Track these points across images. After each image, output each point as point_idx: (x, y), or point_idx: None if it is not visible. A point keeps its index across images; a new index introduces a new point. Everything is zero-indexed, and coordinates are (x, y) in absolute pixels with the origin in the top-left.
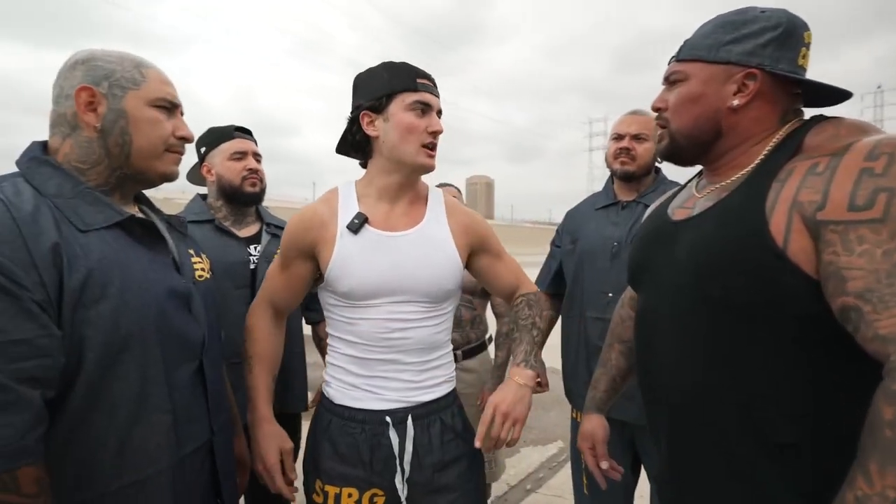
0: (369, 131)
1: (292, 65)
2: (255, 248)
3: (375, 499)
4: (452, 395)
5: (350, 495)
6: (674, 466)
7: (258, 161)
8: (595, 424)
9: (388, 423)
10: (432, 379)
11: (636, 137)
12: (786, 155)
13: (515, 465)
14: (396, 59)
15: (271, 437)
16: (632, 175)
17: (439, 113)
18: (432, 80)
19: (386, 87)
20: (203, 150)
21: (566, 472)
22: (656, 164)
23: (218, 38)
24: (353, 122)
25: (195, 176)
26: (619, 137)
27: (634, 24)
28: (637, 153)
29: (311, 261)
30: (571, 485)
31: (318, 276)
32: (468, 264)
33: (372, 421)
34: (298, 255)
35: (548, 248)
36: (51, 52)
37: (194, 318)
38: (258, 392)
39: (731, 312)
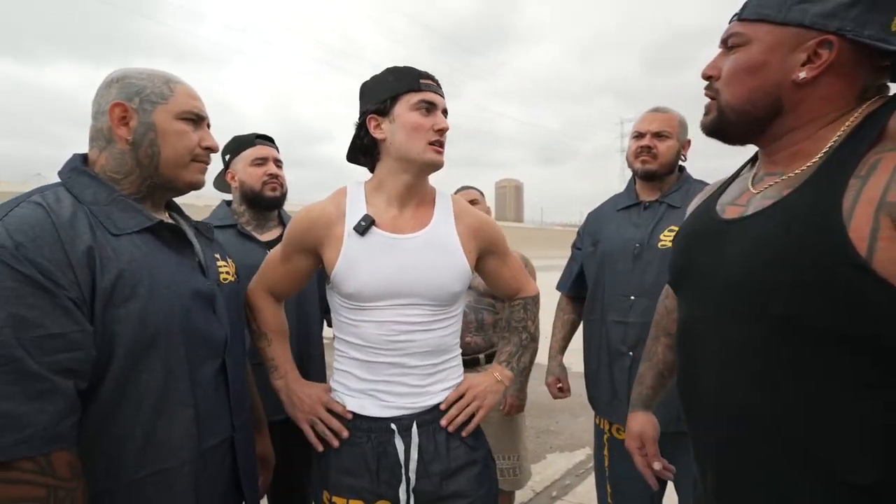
0: (376, 134)
1: (325, 73)
2: None
3: None
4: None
5: None
6: (721, 502)
7: (279, 167)
8: (643, 422)
9: (393, 431)
10: (439, 383)
11: (658, 135)
12: (866, 142)
13: (541, 472)
14: (425, 66)
15: (311, 389)
16: (653, 174)
17: (445, 112)
18: (436, 81)
19: (390, 89)
20: (227, 157)
21: (594, 479)
22: (680, 162)
23: (255, 50)
24: (361, 127)
25: (221, 183)
26: (639, 135)
27: (666, 22)
28: (658, 151)
29: (313, 257)
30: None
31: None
32: (476, 265)
33: (378, 429)
34: (301, 251)
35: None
36: (104, 70)
37: (217, 319)
38: (285, 359)
39: (794, 332)
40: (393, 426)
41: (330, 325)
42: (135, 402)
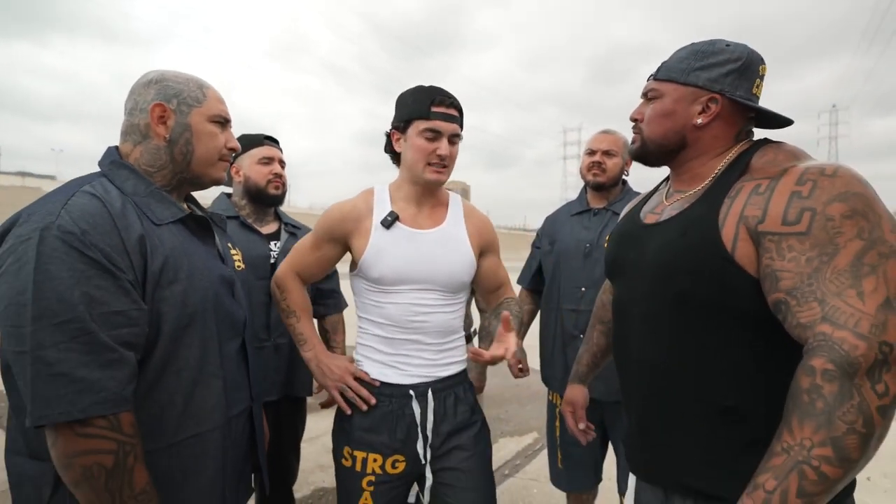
0: (396, 147)
1: (269, 66)
2: (275, 244)
3: (397, 463)
4: (464, 373)
5: (375, 460)
6: (641, 431)
7: (283, 167)
8: (576, 392)
9: (411, 396)
10: (448, 358)
11: (606, 153)
12: (736, 173)
13: (494, 454)
14: (374, 65)
15: (338, 359)
16: (602, 186)
17: (456, 136)
18: (450, 105)
19: (407, 112)
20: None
21: (541, 459)
22: (623, 176)
23: (195, 36)
24: (388, 137)
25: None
26: (592, 153)
27: (609, 37)
28: (607, 167)
29: (342, 247)
30: (546, 471)
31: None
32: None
33: (398, 394)
34: (332, 240)
35: (522, 254)
36: (16, 44)
37: (237, 302)
38: (311, 334)
39: (690, 305)
40: (411, 392)
41: (315, 317)
42: (175, 373)
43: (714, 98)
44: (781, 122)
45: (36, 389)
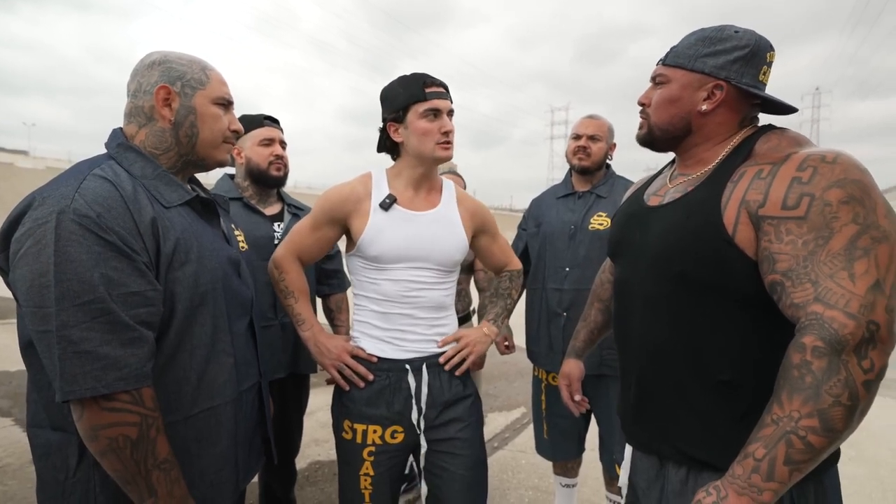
0: (395, 138)
1: (252, 40)
2: (279, 225)
3: (395, 434)
4: None
5: (375, 431)
6: (639, 405)
7: (284, 148)
8: (572, 366)
9: (407, 370)
10: (441, 335)
11: (591, 138)
12: (740, 158)
13: (484, 428)
14: (361, 40)
15: (335, 338)
16: (587, 169)
17: (451, 112)
18: (440, 84)
19: (402, 100)
20: None
21: (528, 432)
22: (607, 160)
23: (173, 7)
24: (384, 132)
25: None
26: (577, 137)
27: (598, 16)
28: (592, 151)
29: (341, 228)
30: (533, 443)
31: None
32: (471, 242)
33: (394, 369)
34: (331, 222)
35: (508, 234)
36: None
37: (244, 282)
38: (310, 314)
39: (691, 284)
40: (407, 366)
41: (319, 296)
42: (190, 350)
43: (719, 85)
44: (786, 109)
45: (63, 366)
